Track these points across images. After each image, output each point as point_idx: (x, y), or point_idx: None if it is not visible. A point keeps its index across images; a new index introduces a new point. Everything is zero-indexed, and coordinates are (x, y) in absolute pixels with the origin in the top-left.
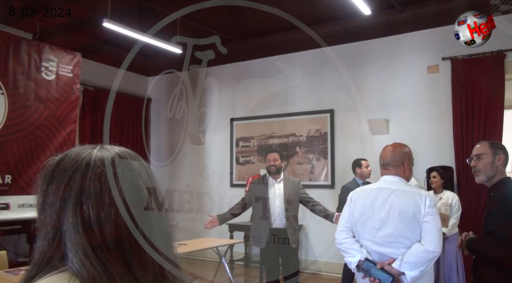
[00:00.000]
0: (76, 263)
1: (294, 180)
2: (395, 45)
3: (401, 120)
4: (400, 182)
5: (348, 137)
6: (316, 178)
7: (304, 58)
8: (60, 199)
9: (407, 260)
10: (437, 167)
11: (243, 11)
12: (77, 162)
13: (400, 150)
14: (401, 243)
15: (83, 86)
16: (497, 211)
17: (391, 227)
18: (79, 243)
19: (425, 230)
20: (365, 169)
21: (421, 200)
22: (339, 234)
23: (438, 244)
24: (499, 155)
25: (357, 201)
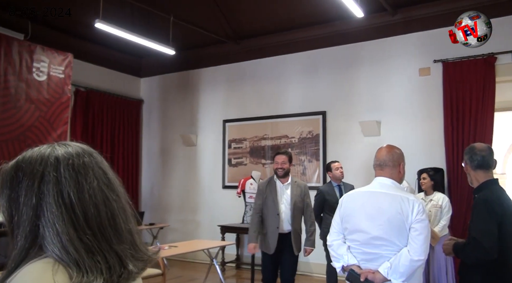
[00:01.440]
0: (58, 250)
1: (301, 184)
2: (387, 47)
3: (393, 122)
4: (391, 186)
5: (340, 139)
6: (308, 179)
7: (296, 60)
8: (35, 195)
9: (395, 269)
10: (428, 169)
11: (236, 12)
12: (43, 159)
13: (395, 151)
14: (388, 247)
15: (75, 87)
16: (478, 215)
17: (379, 230)
18: (64, 231)
19: (412, 237)
20: (336, 172)
21: (409, 206)
22: (330, 236)
23: (423, 252)
24: None
25: (347, 204)
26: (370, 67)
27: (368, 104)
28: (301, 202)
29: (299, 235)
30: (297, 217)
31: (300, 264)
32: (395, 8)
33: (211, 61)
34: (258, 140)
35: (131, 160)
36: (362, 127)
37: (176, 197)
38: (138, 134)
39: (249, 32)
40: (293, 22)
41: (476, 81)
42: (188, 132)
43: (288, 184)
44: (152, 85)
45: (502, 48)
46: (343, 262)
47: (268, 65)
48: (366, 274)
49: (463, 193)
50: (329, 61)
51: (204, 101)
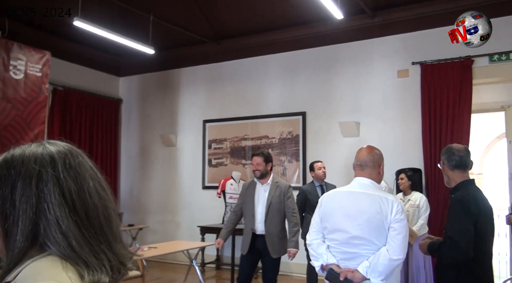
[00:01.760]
0: (64, 248)
1: (282, 185)
2: (366, 49)
3: (372, 123)
4: (371, 186)
5: (320, 140)
6: (288, 180)
7: (277, 61)
8: (34, 194)
9: (374, 268)
10: (406, 169)
11: (216, 12)
12: (37, 158)
13: (376, 152)
14: (367, 246)
15: (52, 86)
16: (454, 215)
17: (358, 230)
18: (69, 230)
19: (391, 236)
20: (318, 171)
21: (388, 206)
22: (309, 235)
23: (402, 251)
24: None
25: (327, 204)
26: (350, 68)
27: (348, 105)
28: (279, 203)
29: (277, 237)
30: (274, 219)
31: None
32: (375, 11)
33: (191, 61)
34: (239, 140)
35: (109, 161)
36: (341, 128)
37: (156, 198)
38: (116, 134)
39: (229, 32)
40: (273, 23)
41: (454, 83)
42: (167, 132)
43: (268, 184)
44: (131, 85)
45: (479, 51)
46: (322, 261)
47: (248, 65)
48: (345, 273)
49: (441, 192)
50: (309, 62)
51: (184, 101)
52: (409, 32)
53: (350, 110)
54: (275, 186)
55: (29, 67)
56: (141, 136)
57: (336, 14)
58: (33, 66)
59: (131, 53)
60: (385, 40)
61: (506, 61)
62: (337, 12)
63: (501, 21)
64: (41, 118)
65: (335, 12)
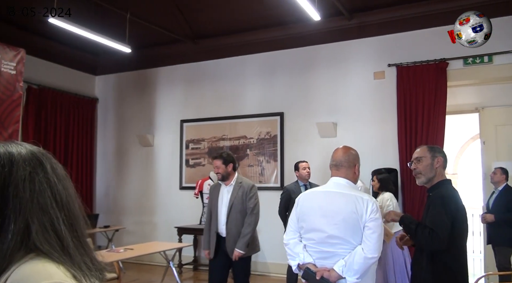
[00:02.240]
0: (57, 251)
1: (246, 185)
2: (343, 51)
3: (349, 124)
4: (346, 185)
5: (297, 140)
6: (266, 180)
7: (255, 61)
8: (25, 196)
9: (349, 267)
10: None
11: (194, 12)
12: (26, 159)
13: (351, 152)
14: (343, 245)
15: (27, 84)
16: (434, 209)
17: (334, 229)
18: (62, 233)
19: (366, 235)
20: (303, 171)
21: (363, 206)
22: (286, 235)
23: (377, 250)
24: (438, 157)
25: (303, 204)
26: (327, 69)
27: (325, 106)
28: (241, 203)
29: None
30: (236, 220)
31: (258, 264)
32: (352, 13)
33: (168, 60)
34: (217, 140)
35: (85, 161)
36: (319, 128)
37: (132, 198)
38: (92, 134)
39: (207, 32)
40: (251, 23)
41: (429, 85)
42: (144, 132)
43: (231, 185)
44: (107, 84)
45: (454, 54)
46: (299, 261)
47: (226, 65)
48: (321, 272)
49: (416, 192)
50: (287, 63)
51: (161, 101)
52: (386, 34)
53: (328, 111)
54: (239, 187)
55: (3, 64)
56: (117, 136)
57: (314, 15)
58: (7, 64)
59: (108, 51)
60: (362, 42)
61: (480, 64)
62: (314, 14)
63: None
64: (15, 117)
65: (313, 14)
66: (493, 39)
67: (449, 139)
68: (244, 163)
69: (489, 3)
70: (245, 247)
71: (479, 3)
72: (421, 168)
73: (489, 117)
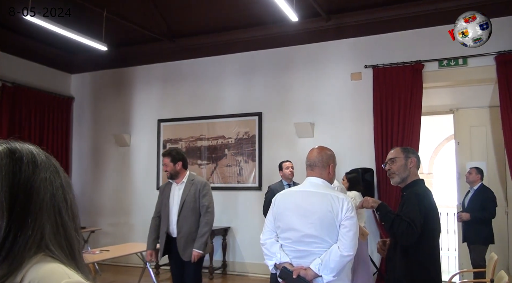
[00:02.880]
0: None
1: (198, 182)
2: (321, 52)
3: (326, 124)
4: (322, 185)
5: (275, 140)
6: (244, 180)
7: (233, 61)
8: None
9: (325, 265)
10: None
11: (172, 10)
12: (45, 162)
13: (325, 152)
14: (319, 244)
15: (1, 82)
16: (409, 205)
17: (310, 228)
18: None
19: (341, 233)
20: (286, 171)
21: (339, 204)
22: (263, 235)
23: (352, 248)
24: (411, 158)
25: (280, 203)
26: (305, 70)
27: (303, 106)
28: (194, 201)
29: (191, 239)
30: (187, 219)
31: (236, 264)
32: (329, 14)
33: (146, 59)
34: (194, 140)
35: (60, 160)
36: (296, 129)
37: (108, 199)
38: (68, 133)
39: (185, 30)
40: (229, 23)
41: (405, 87)
42: (121, 132)
43: (182, 183)
44: (83, 82)
45: (429, 56)
46: (276, 260)
47: (204, 65)
48: (298, 271)
49: (392, 191)
50: (265, 63)
51: (138, 100)
52: (363, 36)
53: (305, 111)
54: (190, 184)
55: None
56: (93, 136)
57: (291, 16)
58: None
59: (84, 49)
60: (339, 43)
61: (454, 66)
62: (292, 15)
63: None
64: None
65: (290, 15)
66: None
67: (424, 139)
68: (222, 163)
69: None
70: (204, 247)
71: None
72: (395, 168)
73: (463, 118)
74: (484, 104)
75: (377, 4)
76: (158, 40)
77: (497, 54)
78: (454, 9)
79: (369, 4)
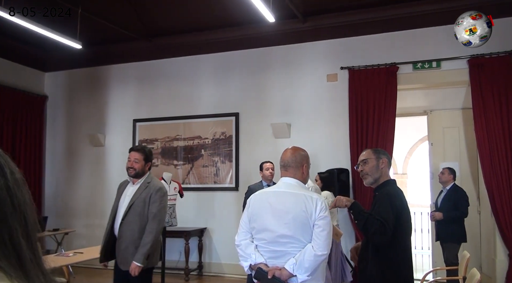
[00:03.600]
0: (14, 264)
1: (153, 187)
2: (297, 53)
3: (302, 125)
4: (296, 185)
5: (252, 140)
6: (221, 180)
7: (210, 61)
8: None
9: (300, 265)
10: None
11: (148, 9)
12: None
13: (299, 153)
14: (294, 244)
15: None
16: (381, 205)
17: (284, 229)
18: (20, 243)
19: (316, 233)
20: (266, 172)
21: (313, 204)
22: (238, 236)
23: (326, 247)
24: (382, 159)
25: (254, 204)
26: (281, 71)
27: (279, 107)
28: (142, 206)
29: (133, 246)
30: (132, 224)
31: (212, 265)
32: (306, 16)
33: (121, 58)
34: (170, 140)
35: (33, 161)
36: (273, 129)
37: (83, 200)
38: (41, 133)
39: (161, 30)
40: (206, 22)
41: (380, 88)
42: (95, 132)
43: (138, 183)
44: (57, 81)
45: (404, 58)
46: (251, 261)
47: (181, 64)
48: (273, 271)
49: (366, 191)
50: (242, 64)
51: (113, 100)
52: (339, 38)
53: (282, 112)
54: (145, 187)
55: None
56: (67, 136)
57: (268, 17)
58: None
59: (58, 47)
60: (316, 45)
61: (428, 69)
62: (269, 16)
63: (424, 31)
64: None
65: (267, 16)
66: (441, 45)
67: (399, 140)
68: (198, 164)
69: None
70: (144, 259)
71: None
72: (367, 169)
73: (437, 119)
74: (457, 106)
75: (353, 6)
76: (134, 39)
77: (470, 57)
78: (428, 12)
79: (345, 6)
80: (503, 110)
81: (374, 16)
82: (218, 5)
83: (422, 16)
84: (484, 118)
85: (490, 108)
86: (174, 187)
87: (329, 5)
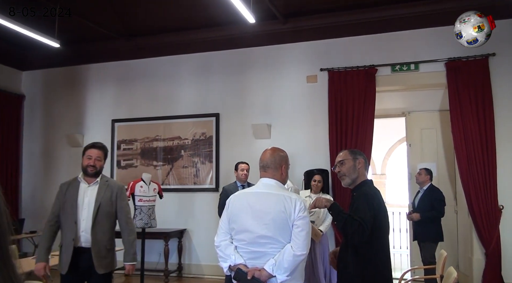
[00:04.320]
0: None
1: (114, 185)
2: (277, 54)
3: (282, 126)
4: (275, 186)
5: (233, 141)
6: (201, 181)
7: (190, 61)
8: None
9: (279, 265)
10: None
11: (128, 8)
12: None
13: (278, 154)
14: (273, 244)
15: None
16: (359, 205)
17: (264, 229)
18: None
19: (294, 233)
20: (240, 172)
21: (292, 205)
22: (217, 237)
23: (305, 247)
24: (359, 159)
25: (234, 205)
26: (262, 72)
27: (260, 108)
28: (110, 206)
29: (105, 248)
30: (103, 226)
31: (191, 267)
32: (286, 17)
33: (100, 57)
34: (150, 141)
35: (10, 162)
36: (254, 130)
37: None
38: (18, 133)
39: (141, 29)
40: (186, 22)
41: (359, 90)
42: (74, 132)
43: (96, 183)
44: (35, 80)
45: (382, 61)
46: (230, 262)
47: (161, 64)
48: (252, 272)
49: (346, 192)
50: (222, 64)
51: (92, 99)
52: (319, 39)
53: (262, 113)
54: (105, 186)
55: None
56: (45, 136)
57: (249, 18)
58: None
59: (36, 45)
60: (296, 46)
61: (406, 71)
62: (249, 16)
63: (403, 34)
64: None
65: (248, 16)
66: (419, 48)
67: (377, 141)
68: (178, 165)
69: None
70: (136, 257)
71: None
72: (344, 170)
73: (414, 121)
74: (434, 108)
75: (332, 9)
76: (114, 38)
77: (447, 60)
78: (407, 15)
79: (325, 8)
80: (479, 112)
81: (354, 18)
82: (199, 5)
83: (401, 19)
84: (461, 119)
85: (466, 110)
86: (154, 188)
87: (309, 6)
